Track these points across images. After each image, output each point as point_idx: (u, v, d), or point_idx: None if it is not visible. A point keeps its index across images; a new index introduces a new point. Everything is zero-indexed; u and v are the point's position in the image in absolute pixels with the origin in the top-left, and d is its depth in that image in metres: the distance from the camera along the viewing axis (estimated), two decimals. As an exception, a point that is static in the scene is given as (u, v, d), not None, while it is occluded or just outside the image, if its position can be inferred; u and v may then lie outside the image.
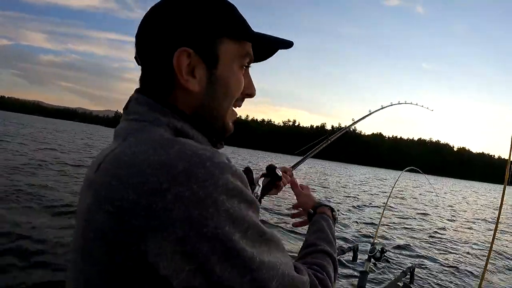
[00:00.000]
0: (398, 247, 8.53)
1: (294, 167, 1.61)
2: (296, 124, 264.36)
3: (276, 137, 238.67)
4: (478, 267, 7.64)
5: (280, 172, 1.37)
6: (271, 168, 1.34)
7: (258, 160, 48.60)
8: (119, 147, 0.72)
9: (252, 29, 0.89)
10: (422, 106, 3.25)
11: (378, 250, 3.42)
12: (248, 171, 1.30)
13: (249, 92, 0.92)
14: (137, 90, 0.84)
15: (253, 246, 0.66)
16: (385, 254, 3.43)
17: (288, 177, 1.45)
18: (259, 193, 1.27)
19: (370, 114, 2.42)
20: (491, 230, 13.30)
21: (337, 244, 1.09)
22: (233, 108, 0.89)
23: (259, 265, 0.66)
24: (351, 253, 3.58)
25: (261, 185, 1.31)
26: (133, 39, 0.86)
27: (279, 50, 0.96)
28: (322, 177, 32.52)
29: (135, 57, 0.85)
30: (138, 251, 0.59)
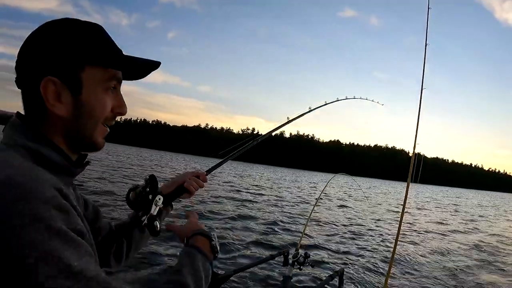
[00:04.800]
0: (328, 251, 8.65)
1: (208, 171, 1.58)
2: (255, 132, 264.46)
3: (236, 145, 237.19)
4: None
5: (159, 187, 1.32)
6: (152, 181, 1.30)
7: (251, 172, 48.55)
8: None
9: (122, 51, 0.99)
10: (373, 100, 3.00)
11: (301, 254, 3.43)
12: (152, 179, 1.29)
13: (119, 111, 1.00)
14: (16, 114, 0.93)
15: (51, 277, 0.67)
16: (308, 258, 3.43)
17: (200, 181, 1.45)
18: (154, 213, 1.25)
19: (310, 111, 2.25)
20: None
21: (203, 280, 1.05)
22: (105, 125, 0.99)
23: None
24: (282, 258, 3.60)
25: (158, 205, 1.27)
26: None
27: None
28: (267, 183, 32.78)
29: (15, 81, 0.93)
30: None
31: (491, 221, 22.08)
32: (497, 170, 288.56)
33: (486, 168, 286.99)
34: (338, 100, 2.58)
